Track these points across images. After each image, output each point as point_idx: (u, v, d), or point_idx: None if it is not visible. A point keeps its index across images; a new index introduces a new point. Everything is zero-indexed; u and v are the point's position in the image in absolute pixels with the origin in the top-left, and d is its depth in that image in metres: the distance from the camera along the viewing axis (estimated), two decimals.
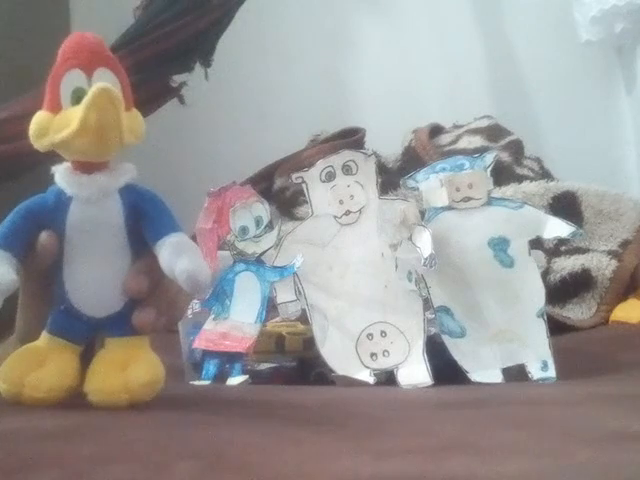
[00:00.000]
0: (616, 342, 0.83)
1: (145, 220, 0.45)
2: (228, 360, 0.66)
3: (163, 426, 0.38)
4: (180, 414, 0.42)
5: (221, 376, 0.66)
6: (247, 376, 0.65)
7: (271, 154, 1.34)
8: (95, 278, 0.44)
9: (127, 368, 0.43)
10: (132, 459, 0.30)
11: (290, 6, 1.60)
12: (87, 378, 0.44)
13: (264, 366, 0.72)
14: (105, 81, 0.43)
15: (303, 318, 0.69)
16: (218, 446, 0.34)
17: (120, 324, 0.45)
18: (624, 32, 1.37)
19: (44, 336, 0.45)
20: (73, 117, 0.42)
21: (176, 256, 0.42)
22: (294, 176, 0.70)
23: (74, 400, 0.43)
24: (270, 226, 0.70)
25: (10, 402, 0.42)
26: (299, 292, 0.67)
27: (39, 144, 0.43)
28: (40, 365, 0.43)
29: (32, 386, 0.42)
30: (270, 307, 0.69)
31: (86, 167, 0.44)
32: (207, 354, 0.67)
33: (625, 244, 1.05)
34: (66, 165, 0.45)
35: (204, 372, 0.66)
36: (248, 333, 0.67)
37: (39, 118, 0.43)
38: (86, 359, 0.45)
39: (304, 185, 0.69)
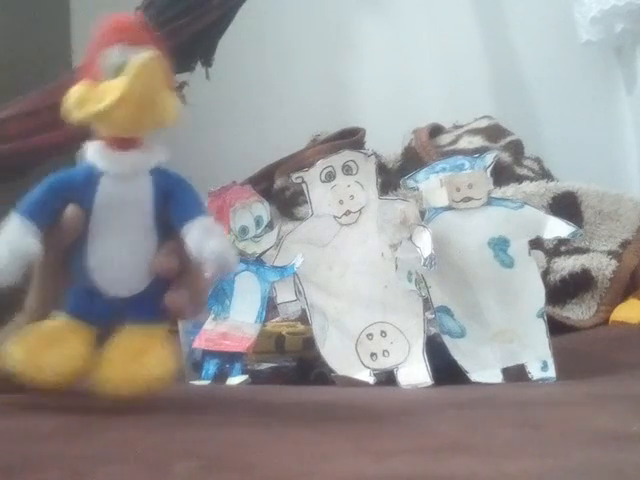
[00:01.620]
0: (616, 342, 0.83)
1: (173, 202, 0.44)
2: (228, 360, 0.66)
3: (163, 426, 0.38)
4: (180, 414, 0.42)
5: (221, 376, 0.66)
6: (247, 376, 0.65)
7: (271, 154, 1.34)
8: (120, 256, 0.44)
9: (140, 359, 0.42)
10: (132, 459, 0.30)
11: (290, 6, 1.60)
12: (99, 365, 0.42)
13: (264, 366, 0.72)
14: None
15: (303, 318, 0.70)
16: (218, 446, 0.34)
17: (142, 307, 0.44)
18: (624, 32, 1.37)
19: (60, 316, 0.44)
20: (115, 87, 0.41)
21: (205, 237, 0.42)
22: (294, 176, 0.70)
23: (73, 400, 0.43)
24: (270, 226, 0.70)
25: (21, 381, 0.41)
26: (299, 292, 0.67)
27: (77, 114, 0.42)
28: (52, 345, 0.42)
29: (40, 367, 0.41)
30: (270, 307, 0.69)
31: (120, 143, 0.44)
32: (207, 354, 0.67)
33: (625, 244, 1.05)
34: (100, 141, 0.44)
35: (204, 372, 0.66)
36: (248, 333, 0.67)
37: (79, 88, 0.42)
38: (104, 344, 0.44)
39: (304, 185, 0.69)
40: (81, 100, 0.42)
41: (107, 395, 0.41)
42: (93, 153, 0.44)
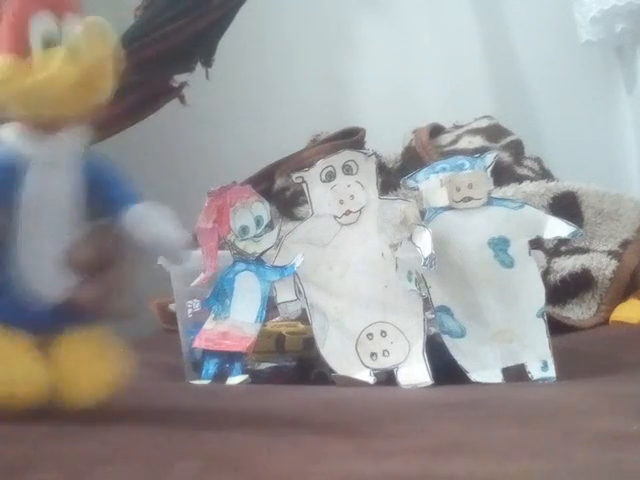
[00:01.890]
0: (616, 342, 0.83)
1: (107, 189, 0.40)
2: (228, 360, 0.66)
3: (163, 426, 0.38)
4: (180, 414, 0.42)
5: (221, 376, 0.66)
6: (247, 376, 0.65)
7: (271, 154, 1.34)
8: (53, 255, 0.39)
9: (89, 369, 0.40)
10: (132, 459, 0.30)
11: (290, 6, 1.60)
12: (53, 384, 0.39)
13: (264, 366, 0.72)
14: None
15: (303, 318, 0.70)
16: (218, 446, 0.34)
17: (76, 312, 0.40)
18: (624, 32, 1.37)
19: None
20: (51, 62, 0.36)
21: (149, 223, 0.39)
22: (294, 176, 0.70)
23: None
24: (270, 226, 0.70)
25: None
26: (299, 292, 0.67)
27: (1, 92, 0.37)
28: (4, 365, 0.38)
29: None
30: (270, 307, 0.69)
31: (48, 126, 0.38)
32: (207, 353, 0.67)
33: (625, 244, 1.05)
34: (19, 124, 0.39)
35: (204, 372, 0.66)
36: (248, 333, 0.67)
37: (2, 63, 0.37)
38: (48, 352, 0.41)
39: (304, 185, 0.69)
40: (4, 74, 0.37)
41: (68, 409, 0.40)
42: (15, 138, 0.38)
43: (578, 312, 0.99)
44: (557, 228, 0.65)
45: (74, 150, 0.40)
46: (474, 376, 0.62)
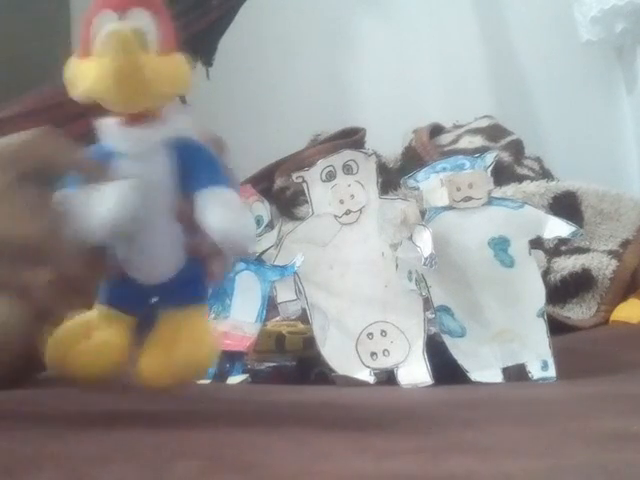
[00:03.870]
0: (616, 342, 0.83)
1: (188, 171, 0.40)
2: (228, 359, 0.66)
3: (163, 426, 0.38)
4: (180, 414, 0.42)
5: (221, 375, 0.66)
6: (247, 375, 0.65)
7: (271, 154, 1.34)
8: (148, 243, 0.40)
9: (173, 348, 0.40)
10: (132, 459, 0.30)
11: (290, 6, 1.60)
12: (138, 357, 0.41)
13: (264, 365, 0.72)
14: (139, 22, 0.39)
15: (303, 317, 0.70)
16: (218, 446, 0.34)
17: (176, 291, 0.41)
18: (624, 32, 1.38)
19: (96, 307, 0.42)
20: (92, 67, 0.38)
21: (213, 210, 0.38)
22: (294, 176, 0.70)
23: (74, 400, 0.43)
24: (270, 225, 0.70)
25: (58, 376, 0.41)
26: (299, 291, 0.67)
27: (73, 95, 0.39)
28: (87, 337, 0.40)
29: (74, 361, 0.40)
30: (270, 306, 0.69)
31: (132, 119, 0.40)
32: None
33: (625, 244, 1.05)
34: (110, 119, 0.40)
35: None
36: (248, 332, 0.67)
37: (70, 64, 0.39)
38: (144, 332, 0.42)
39: (304, 185, 0.69)
40: (73, 77, 0.39)
41: (146, 386, 0.40)
42: (105, 132, 0.40)
43: (578, 312, 0.99)
44: (557, 228, 0.65)
45: (158, 140, 0.40)
46: (474, 376, 0.62)
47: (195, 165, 0.41)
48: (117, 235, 0.39)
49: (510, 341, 0.64)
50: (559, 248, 1.04)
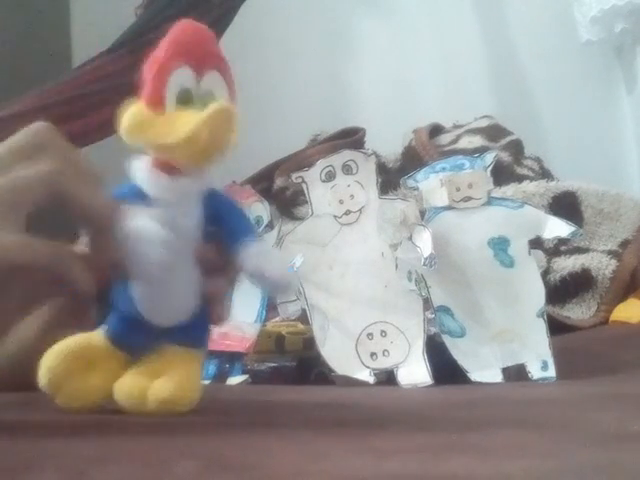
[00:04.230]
0: (616, 342, 0.83)
1: (225, 226, 0.42)
2: (228, 360, 0.66)
3: (163, 426, 0.38)
4: (180, 414, 0.42)
5: (221, 376, 0.66)
6: (247, 376, 0.65)
7: (271, 154, 1.34)
8: (168, 287, 0.41)
9: (157, 378, 0.40)
10: (132, 459, 0.30)
11: (290, 6, 1.60)
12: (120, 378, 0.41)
13: (264, 366, 0.72)
14: (216, 86, 0.40)
15: (303, 318, 0.70)
16: (218, 446, 0.34)
17: (183, 333, 0.42)
18: (624, 32, 1.38)
19: (102, 337, 0.41)
20: (180, 125, 0.38)
21: (265, 263, 0.40)
22: (294, 176, 0.70)
23: None
24: (270, 226, 0.70)
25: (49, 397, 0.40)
26: (299, 292, 0.67)
27: (132, 139, 0.39)
28: (85, 370, 0.40)
29: (68, 396, 0.40)
30: (270, 307, 0.69)
31: (169, 167, 0.40)
32: (207, 354, 0.67)
33: (625, 244, 1.05)
34: (146, 161, 0.40)
35: (204, 372, 0.66)
36: (248, 333, 0.67)
37: (139, 112, 0.39)
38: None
39: (304, 185, 0.69)
40: (141, 125, 0.39)
41: (119, 407, 0.40)
42: (141, 175, 0.40)
43: (578, 312, 0.99)
44: (557, 228, 0.65)
45: (192, 192, 0.41)
46: (474, 376, 0.62)
47: (229, 220, 0.42)
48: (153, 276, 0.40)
49: (510, 341, 0.64)
50: (559, 248, 1.04)
